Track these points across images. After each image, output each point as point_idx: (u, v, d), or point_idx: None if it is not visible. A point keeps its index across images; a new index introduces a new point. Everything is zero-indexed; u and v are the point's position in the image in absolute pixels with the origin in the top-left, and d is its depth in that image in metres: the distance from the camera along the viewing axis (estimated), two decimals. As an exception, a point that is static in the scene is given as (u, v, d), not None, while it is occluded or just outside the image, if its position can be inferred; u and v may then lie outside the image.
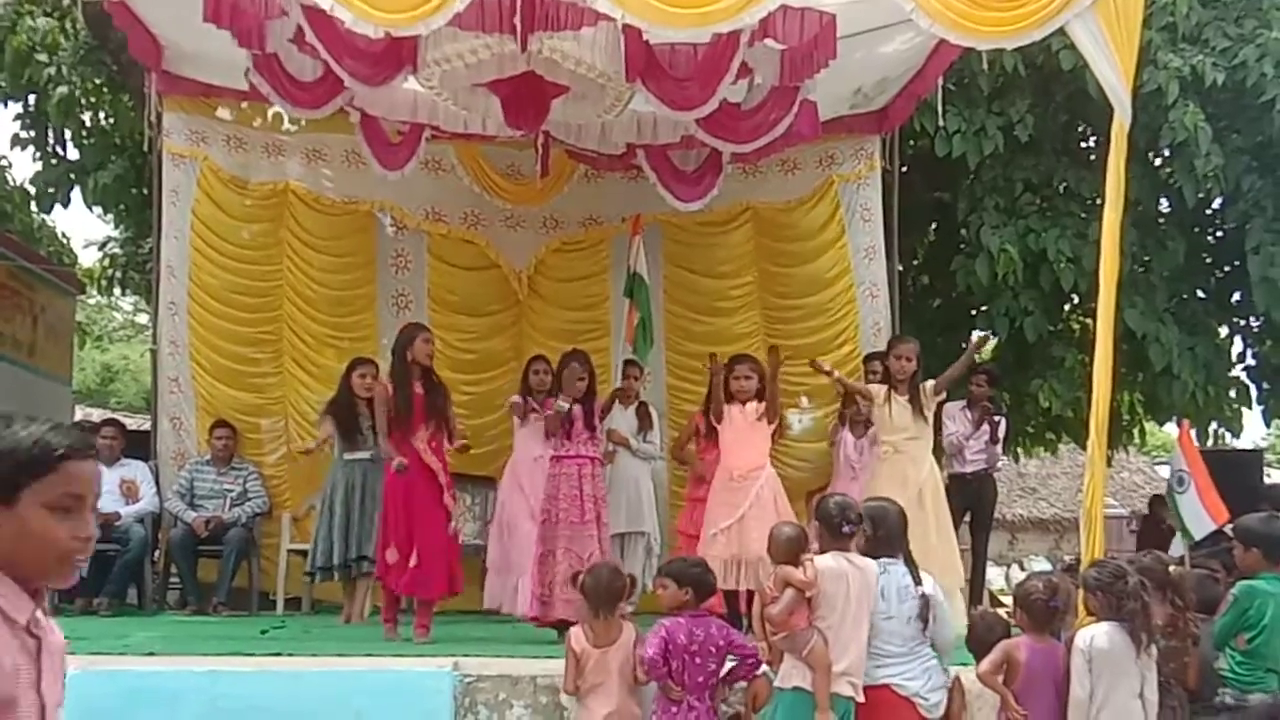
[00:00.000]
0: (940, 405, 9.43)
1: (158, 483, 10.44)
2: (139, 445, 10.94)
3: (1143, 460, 28.21)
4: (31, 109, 12.94)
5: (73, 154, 13.33)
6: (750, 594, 7.93)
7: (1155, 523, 15.77)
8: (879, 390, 9.00)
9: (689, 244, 11.46)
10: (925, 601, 6.02)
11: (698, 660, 6.02)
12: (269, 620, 9.51)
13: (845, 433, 10.27)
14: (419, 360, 8.41)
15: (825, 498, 6.48)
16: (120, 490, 10.19)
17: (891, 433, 8.84)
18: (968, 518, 10.96)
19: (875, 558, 6.07)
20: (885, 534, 6.14)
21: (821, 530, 6.20)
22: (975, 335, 12.52)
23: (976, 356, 9.85)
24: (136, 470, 10.37)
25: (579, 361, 8.77)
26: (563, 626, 8.21)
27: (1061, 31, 7.39)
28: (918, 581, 6.07)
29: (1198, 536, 9.82)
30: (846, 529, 6.11)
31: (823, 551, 6.12)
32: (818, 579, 5.94)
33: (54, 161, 13.37)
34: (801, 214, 11.39)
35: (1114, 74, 7.21)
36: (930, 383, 8.96)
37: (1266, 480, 18.77)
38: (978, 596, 10.50)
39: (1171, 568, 6.37)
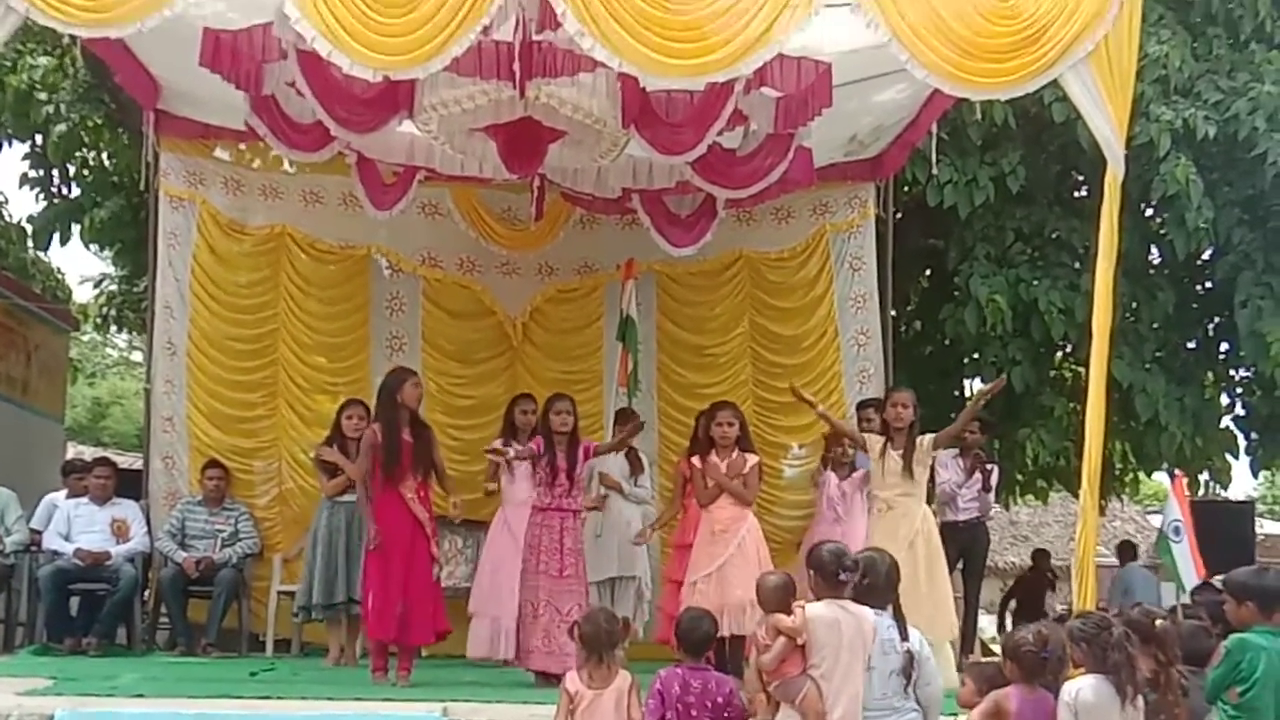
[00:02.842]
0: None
1: (149, 522, 10.39)
2: (130, 484, 10.91)
3: (1135, 509, 28.18)
4: (38, 149, 12.99)
5: (72, 192, 13.38)
6: (734, 639, 7.96)
7: (1037, 575, 15.94)
8: (875, 441, 8.95)
9: (682, 295, 11.51)
10: (910, 657, 5.99)
11: (693, 712, 6.02)
12: (258, 662, 9.47)
13: (829, 474, 10.20)
14: (408, 405, 8.38)
15: (819, 545, 6.47)
16: (111, 529, 10.15)
17: (884, 488, 8.80)
18: (960, 566, 10.96)
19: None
20: (873, 583, 6.11)
21: (816, 578, 6.20)
22: (978, 386, 12.51)
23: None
24: (128, 510, 10.33)
25: (565, 403, 8.78)
26: (539, 675, 8.23)
27: (1054, 83, 7.47)
28: (904, 636, 6.04)
29: (1189, 587, 9.85)
30: (843, 576, 6.11)
31: (818, 599, 6.12)
32: (807, 625, 5.94)
33: (55, 201, 13.41)
34: (793, 268, 11.42)
35: (1108, 126, 7.31)
36: (929, 437, 8.89)
37: (1258, 531, 18.79)
38: (969, 645, 10.49)
39: (1157, 621, 6.34)
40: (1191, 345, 13.21)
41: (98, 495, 10.28)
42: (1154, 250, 12.72)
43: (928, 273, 14.08)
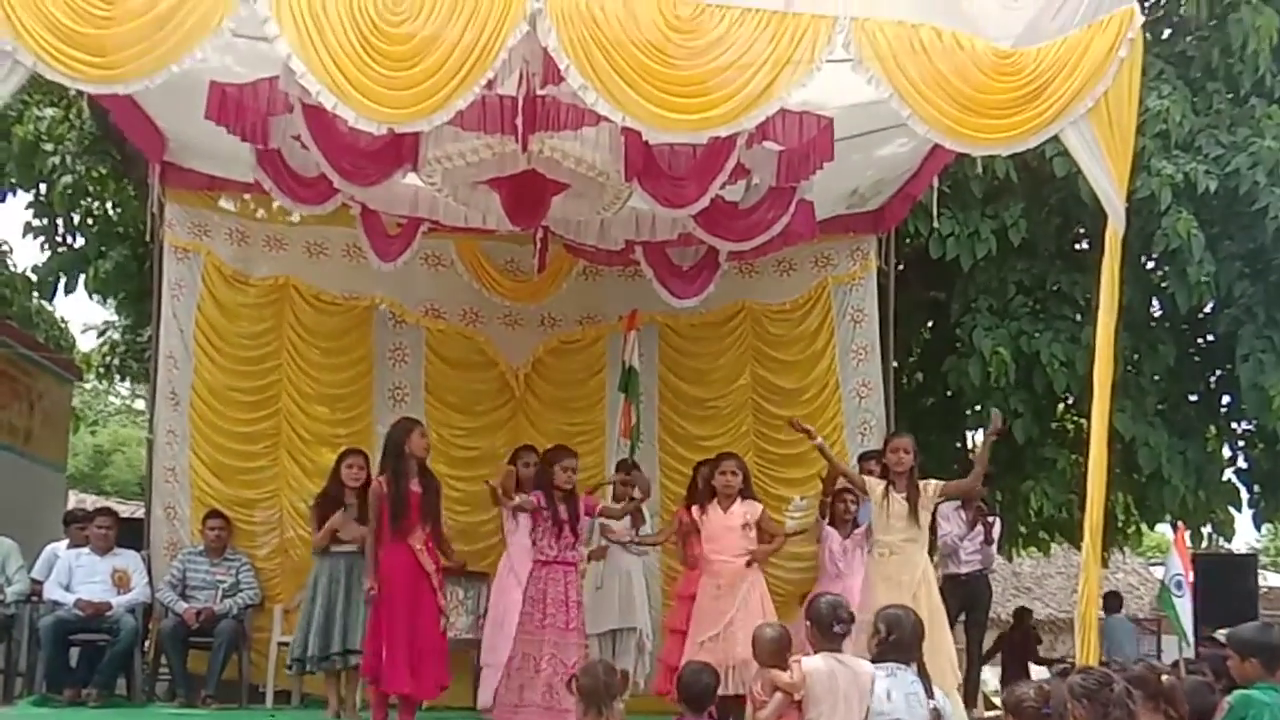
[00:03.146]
0: (936, 506, 9.40)
1: (150, 572, 10.37)
2: (131, 532, 10.90)
3: (1137, 562, 28.08)
4: (43, 199, 13.05)
5: (77, 242, 13.43)
6: (737, 698, 7.93)
7: (1021, 632, 15.92)
8: (877, 485, 8.92)
9: (685, 347, 11.53)
10: (937, 715, 6.00)
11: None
12: (258, 714, 9.48)
13: (830, 530, 10.13)
14: (415, 455, 8.39)
15: (817, 597, 6.50)
16: (112, 580, 10.12)
17: (887, 532, 8.75)
18: (962, 618, 10.94)
19: (884, 662, 6.07)
20: (898, 639, 6.14)
21: (813, 630, 6.21)
22: (980, 438, 12.49)
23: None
24: (129, 560, 10.30)
25: (573, 460, 8.81)
26: None
27: (1055, 137, 7.49)
28: (929, 694, 6.05)
29: (1192, 641, 9.85)
30: (838, 628, 6.13)
31: (815, 651, 6.13)
32: (805, 680, 5.94)
33: (59, 250, 13.46)
34: (795, 320, 11.44)
35: (1108, 181, 7.33)
36: (935, 483, 8.86)
37: (1261, 584, 18.76)
38: (972, 698, 10.43)
39: (1164, 677, 6.32)
40: (1193, 398, 13.22)
41: (99, 545, 10.25)
42: (1155, 303, 12.74)
43: (929, 324, 14.10)
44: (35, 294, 14.94)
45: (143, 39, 6.74)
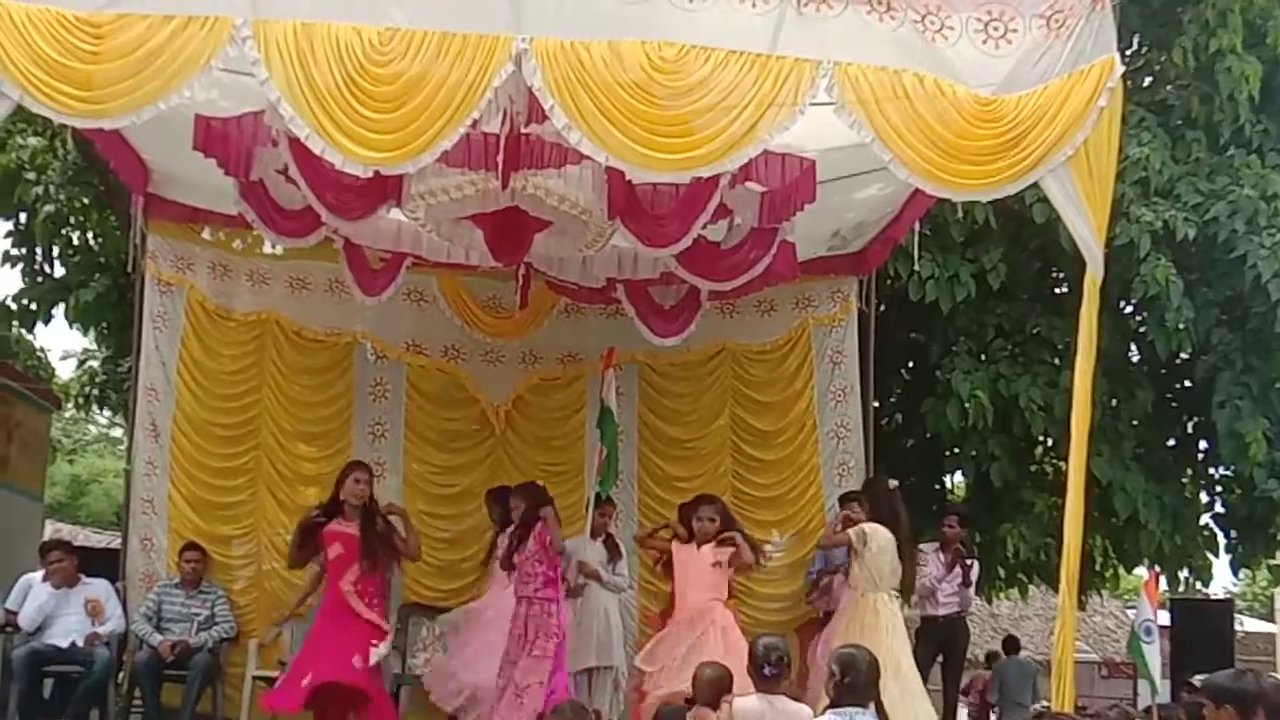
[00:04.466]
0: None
1: (125, 604, 10.32)
2: (106, 562, 10.84)
3: (1115, 604, 28.15)
4: (21, 227, 13.02)
5: (57, 271, 13.39)
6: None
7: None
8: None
9: (664, 386, 11.52)
10: None
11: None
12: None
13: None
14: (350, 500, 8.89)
15: (756, 639, 6.54)
16: (86, 610, 10.07)
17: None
18: (940, 659, 10.95)
19: (841, 705, 6.05)
20: (853, 681, 6.11)
21: (750, 669, 6.27)
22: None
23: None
24: (100, 589, 10.22)
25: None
26: None
27: (1035, 183, 7.53)
28: None
29: (1159, 687, 9.87)
30: (767, 671, 6.18)
31: (755, 691, 6.19)
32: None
33: (39, 280, 13.42)
34: (775, 361, 11.45)
35: (1087, 228, 7.34)
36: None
37: (1238, 629, 18.83)
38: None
39: (1137, 722, 6.35)
40: (1171, 444, 13.28)
41: (58, 580, 10.18)
42: (1134, 348, 12.81)
43: (909, 366, 14.13)
44: (15, 323, 14.87)
45: (130, 75, 6.73)
